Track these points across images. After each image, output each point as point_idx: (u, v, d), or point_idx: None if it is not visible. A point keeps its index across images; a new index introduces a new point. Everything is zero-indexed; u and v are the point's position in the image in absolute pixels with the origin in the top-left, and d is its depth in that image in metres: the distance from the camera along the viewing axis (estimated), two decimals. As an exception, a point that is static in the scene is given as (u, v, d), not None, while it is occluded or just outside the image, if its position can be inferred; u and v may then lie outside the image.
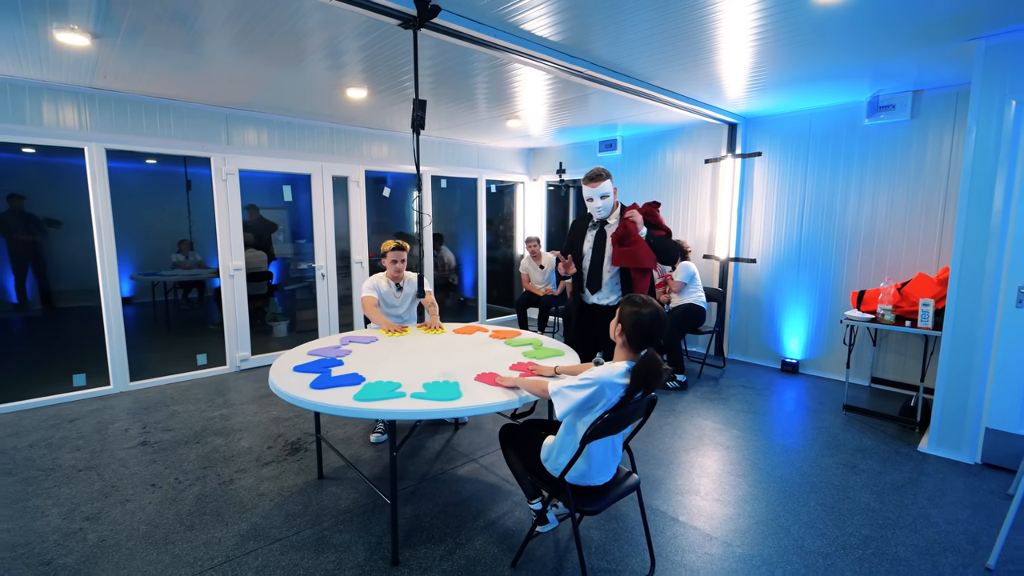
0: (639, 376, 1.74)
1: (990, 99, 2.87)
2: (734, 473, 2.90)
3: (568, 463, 1.82)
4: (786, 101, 4.36)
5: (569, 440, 1.87)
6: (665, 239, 2.87)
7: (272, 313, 6.23)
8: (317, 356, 2.62)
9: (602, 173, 2.84)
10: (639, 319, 1.79)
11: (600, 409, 1.77)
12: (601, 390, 1.74)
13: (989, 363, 2.95)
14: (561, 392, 1.79)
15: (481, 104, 4.50)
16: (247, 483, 2.78)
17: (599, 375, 1.75)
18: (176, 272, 5.90)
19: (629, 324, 1.81)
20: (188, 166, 5.62)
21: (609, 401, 1.76)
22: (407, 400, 1.99)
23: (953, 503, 2.59)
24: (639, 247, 2.74)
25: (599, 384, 1.74)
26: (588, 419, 1.80)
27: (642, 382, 1.73)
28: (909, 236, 4.11)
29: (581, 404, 1.76)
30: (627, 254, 2.75)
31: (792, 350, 4.87)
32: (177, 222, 5.78)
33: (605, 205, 2.83)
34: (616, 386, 1.76)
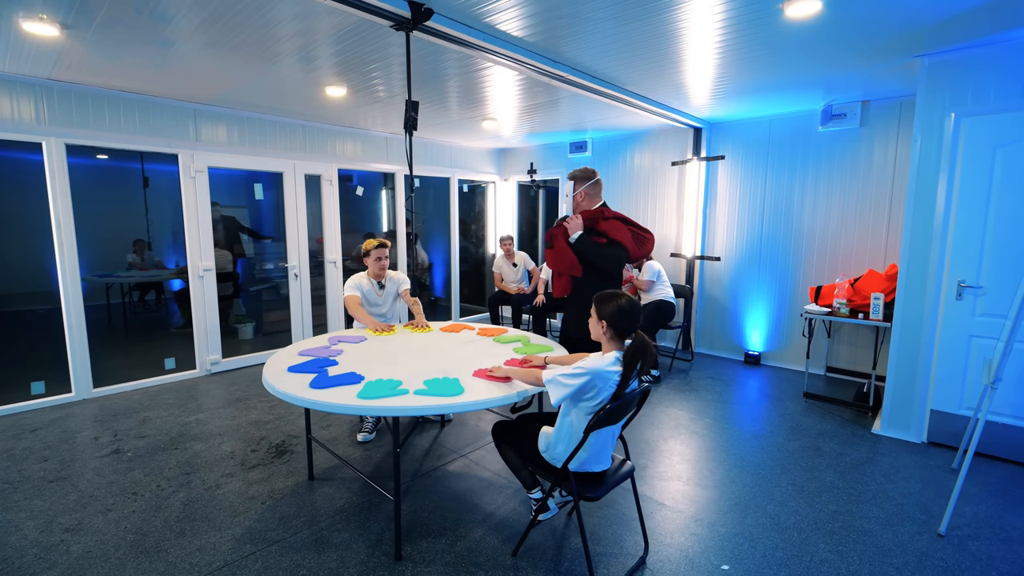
0: (633, 358, 1.85)
1: (932, 112, 3.16)
2: (711, 459, 3.08)
3: (571, 453, 1.91)
4: (748, 108, 4.61)
5: (567, 429, 1.97)
6: (599, 246, 2.72)
7: (237, 315, 6.05)
8: (309, 356, 2.62)
9: (570, 175, 2.87)
10: (620, 308, 1.91)
11: (594, 398, 1.87)
12: (593, 379, 1.84)
13: (933, 351, 3.25)
14: (555, 380, 1.88)
15: (454, 105, 4.54)
16: (235, 487, 2.74)
17: (591, 365, 1.86)
18: (133, 273, 5.65)
19: (612, 316, 1.91)
20: (145, 162, 5.40)
21: (601, 390, 1.86)
22: (411, 397, 2.03)
23: (906, 478, 2.85)
24: (556, 251, 2.77)
25: (591, 374, 1.84)
26: (584, 407, 1.90)
27: (636, 362, 1.85)
28: (859, 235, 4.44)
29: (575, 392, 1.86)
30: (549, 255, 2.85)
31: (754, 343, 5.16)
32: (132, 221, 5.53)
33: (568, 203, 2.87)
34: (607, 375, 1.86)
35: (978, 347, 3.08)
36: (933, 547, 2.25)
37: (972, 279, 3.07)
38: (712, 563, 2.14)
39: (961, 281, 3.11)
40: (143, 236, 5.70)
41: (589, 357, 1.94)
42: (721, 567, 2.12)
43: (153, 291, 6.31)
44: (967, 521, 2.45)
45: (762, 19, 2.59)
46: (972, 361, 3.11)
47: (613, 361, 1.89)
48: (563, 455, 1.97)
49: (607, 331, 1.95)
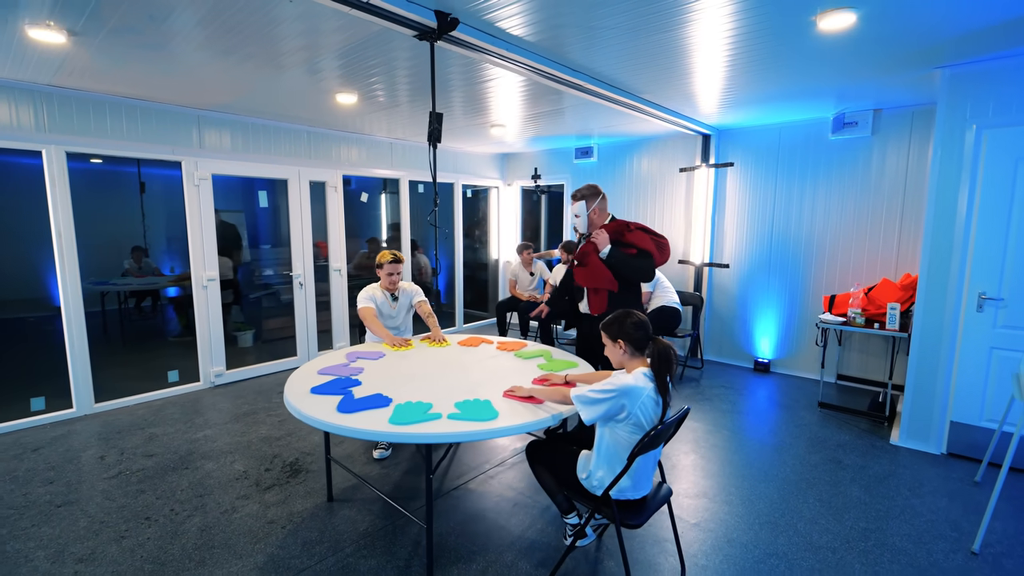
0: (660, 365, 1.83)
1: (953, 123, 3.16)
2: (734, 474, 3.05)
3: (613, 480, 1.86)
4: (757, 115, 4.60)
5: (606, 453, 1.92)
6: (631, 258, 2.75)
7: (236, 323, 5.94)
8: (330, 376, 2.54)
9: (577, 193, 2.90)
10: (636, 321, 1.93)
11: (627, 418, 1.83)
12: (621, 397, 1.81)
13: (953, 362, 3.24)
14: (585, 398, 1.86)
15: (458, 111, 4.47)
16: (252, 510, 2.66)
17: (620, 383, 1.83)
18: (130, 281, 5.52)
19: (627, 332, 1.91)
20: (142, 167, 5.27)
21: (632, 408, 1.82)
22: (445, 422, 1.97)
23: (931, 492, 2.84)
24: (592, 268, 2.78)
25: (619, 391, 1.81)
26: (619, 428, 1.86)
27: (666, 368, 1.84)
28: (870, 243, 4.44)
29: (607, 412, 1.83)
30: (580, 273, 2.85)
31: (763, 350, 5.15)
32: (127, 227, 5.41)
33: (579, 223, 2.93)
34: (637, 391, 1.82)
35: (999, 359, 3.08)
36: (969, 566, 2.23)
37: (993, 291, 3.07)
38: (751, 587, 2.10)
39: (982, 293, 3.10)
40: (139, 242, 5.57)
41: (615, 375, 1.91)
42: (761, 592, 2.08)
43: (149, 298, 6.18)
44: (998, 538, 2.43)
45: (791, 31, 2.56)
46: (992, 373, 3.11)
47: (641, 376, 1.86)
48: (604, 481, 1.92)
49: (626, 349, 1.94)
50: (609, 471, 1.91)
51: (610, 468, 1.91)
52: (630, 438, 1.86)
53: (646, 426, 1.85)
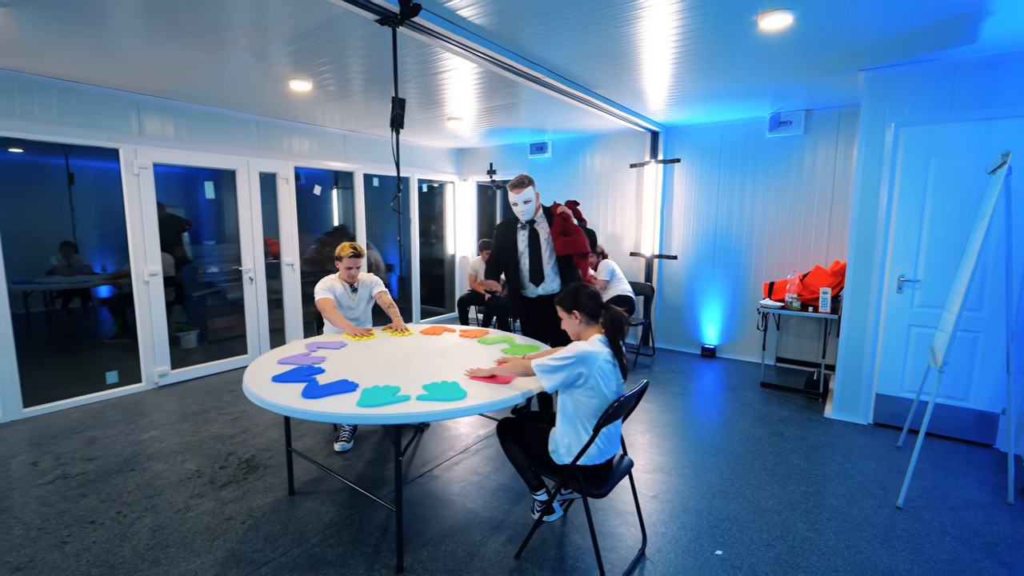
0: (613, 329, 2.00)
1: (874, 122, 3.46)
2: (687, 449, 3.22)
3: (582, 449, 1.94)
4: (702, 113, 4.85)
5: (570, 423, 2.01)
6: (584, 227, 3.21)
7: (179, 323, 5.66)
8: (291, 365, 2.49)
9: (525, 180, 3.12)
10: (589, 292, 2.07)
11: (586, 383, 1.93)
12: (580, 362, 1.92)
13: (877, 340, 3.56)
14: (545, 366, 1.97)
15: (413, 103, 4.45)
16: (208, 508, 2.56)
17: (576, 349, 1.95)
18: (58, 279, 5.13)
19: (582, 302, 2.05)
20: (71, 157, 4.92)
21: (590, 372, 1.92)
22: (414, 403, 1.99)
23: (861, 458, 3.11)
24: (579, 235, 3.07)
25: (577, 356, 1.93)
26: (581, 396, 1.96)
27: (619, 332, 2.01)
28: (804, 233, 4.78)
29: (567, 379, 1.94)
30: (571, 242, 3.07)
31: (710, 337, 5.43)
32: (54, 222, 5.03)
33: (527, 208, 3.13)
34: (594, 355, 1.94)
35: (916, 335, 3.41)
36: (895, 519, 2.47)
37: (911, 273, 3.39)
38: (706, 549, 2.24)
39: (901, 276, 3.42)
40: (68, 238, 5.19)
41: (572, 344, 2.02)
42: (715, 552, 2.22)
43: (78, 298, 5.76)
44: (918, 494, 2.70)
45: (735, 29, 2.73)
46: (912, 348, 3.44)
47: (597, 340, 1.99)
48: (572, 449, 2.00)
49: (581, 318, 2.07)
50: (576, 438, 2.00)
51: (576, 435, 2.00)
52: (590, 403, 1.96)
53: (605, 391, 1.95)
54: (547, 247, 3.16)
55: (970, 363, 3.26)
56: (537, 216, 3.21)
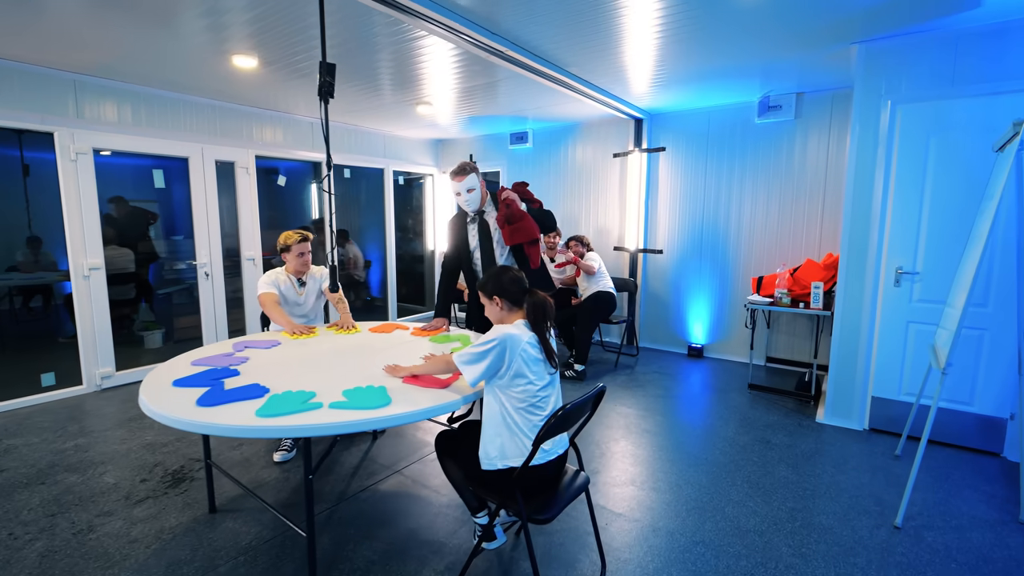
0: (536, 312, 1.78)
1: (869, 100, 3.17)
2: (663, 459, 2.92)
3: (526, 460, 1.64)
4: (688, 98, 4.55)
5: (498, 420, 1.74)
6: (541, 209, 2.95)
7: (144, 321, 5.36)
8: (205, 366, 2.19)
9: (466, 167, 2.87)
10: (512, 277, 1.85)
11: (508, 369, 1.70)
12: (502, 346, 1.70)
13: (873, 339, 3.26)
14: (464, 356, 1.76)
15: (386, 86, 4.16)
16: (113, 529, 2.25)
17: (496, 333, 1.73)
18: (11, 277, 4.82)
19: (503, 287, 1.83)
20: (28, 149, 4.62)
21: (512, 357, 1.69)
22: (325, 412, 1.69)
23: (855, 468, 2.81)
24: (526, 220, 2.81)
25: (497, 340, 1.71)
26: (506, 389, 1.72)
27: (543, 316, 1.79)
28: (796, 225, 4.49)
29: (490, 367, 1.71)
30: (518, 230, 2.81)
31: (697, 336, 5.14)
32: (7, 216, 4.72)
33: (472, 198, 2.87)
34: (517, 338, 1.71)
35: (916, 333, 3.11)
36: (892, 541, 2.17)
37: (909, 265, 3.10)
38: (674, 579, 1.94)
39: (899, 268, 3.13)
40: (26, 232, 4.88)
41: (492, 328, 1.79)
42: (684, 583, 1.92)
43: (40, 296, 5.45)
44: (919, 510, 2.40)
45: None
46: (910, 347, 3.14)
47: (519, 324, 1.78)
48: (505, 452, 1.71)
49: (503, 304, 1.85)
50: (509, 437, 1.71)
51: (509, 433, 1.72)
52: (518, 393, 1.71)
53: (533, 378, 1.71)
54: (499, 238, 2.88)
55: (975, 363, 2.97)
56: (486, 206, 2.94)
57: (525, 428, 1.71)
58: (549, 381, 1.76)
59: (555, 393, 1.82)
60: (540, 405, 1.73)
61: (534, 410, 1.72)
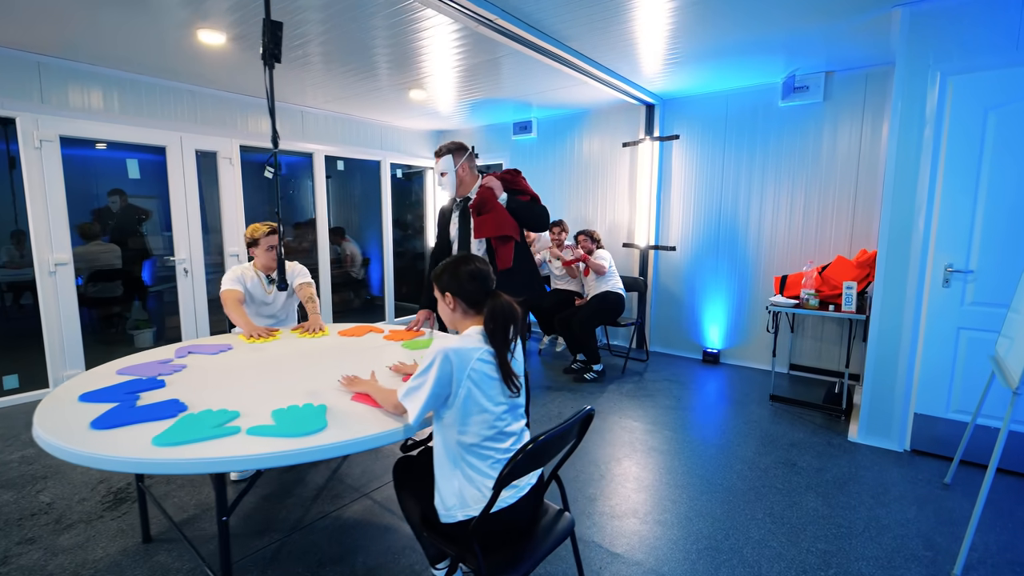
0: (495, 320, 1.39)
1: (914, 71, 2.74)
2: (672, 484, 2.54)
3: (483, 510, 1.29)
4: (703, 80, 4.15)
5: (453, 465, 1.39)
6: (530, 203, 2.61)
7: (135, 320, 5.16)
8: (129, 376, 1.88)
9: (442, 149, 2.60)
10: (471, 270, 1.48)
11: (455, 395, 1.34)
12: (447, 365, 1.32)
13: (916, 347, 2.84)
14: (407, 391, 1.39)
15: (381, 66, 3.83)
16: (29, 561, 1.96)
17: (439, 347, 1.34)
18: (-3, 273, 4.64)
19: (462, 282, 1.47)
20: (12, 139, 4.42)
21: (459, 378, 1.33)
22: (238, 440, 1.36)
23: (897, 499, 2.40)
24: (497, 213, 2.49)
25: (440, 359, 1.32)
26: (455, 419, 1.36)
27: (504, 325, 1.39)
28: (824, 219, 4.06)
29: (432, 397, 1.34)
30: (485, 222, 2.50)
31: (713, 340, 4.73)
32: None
33: (446, 183, 2.60)
34: (464, 353, 1.34)
35: (968, 341, 2.68)
36: (951, 599, 1.77)
37: (961, 263, 2.67)
38: (680, 647, 1.57)
39: (948, 265, 2.70)
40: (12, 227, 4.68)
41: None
42: (692, 653, 1.55)
43: (29, 293, 5.27)
44: (981, 556, 1.99)
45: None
46: (961, 358, 2.71)
47: (471, 336, 1.39)
48: (466, 500, 1.36)
49: (457, 305, 1.47)
50: (467, 481, 1.36)
51: (465, 476, 1.36)
52: (470, 426, 1.35)
53: (487, 404, 1.35)
54: None
55: (1041, 377, 2.52)
56: (473, 193, 2.61)
57: (484, 467, 1.35)
58: (509, 406, 1.41)
59: (519, 420, 1.47)
60: (500, 437, 1.38)
61: (493, 444, 1.37)
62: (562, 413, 3.44)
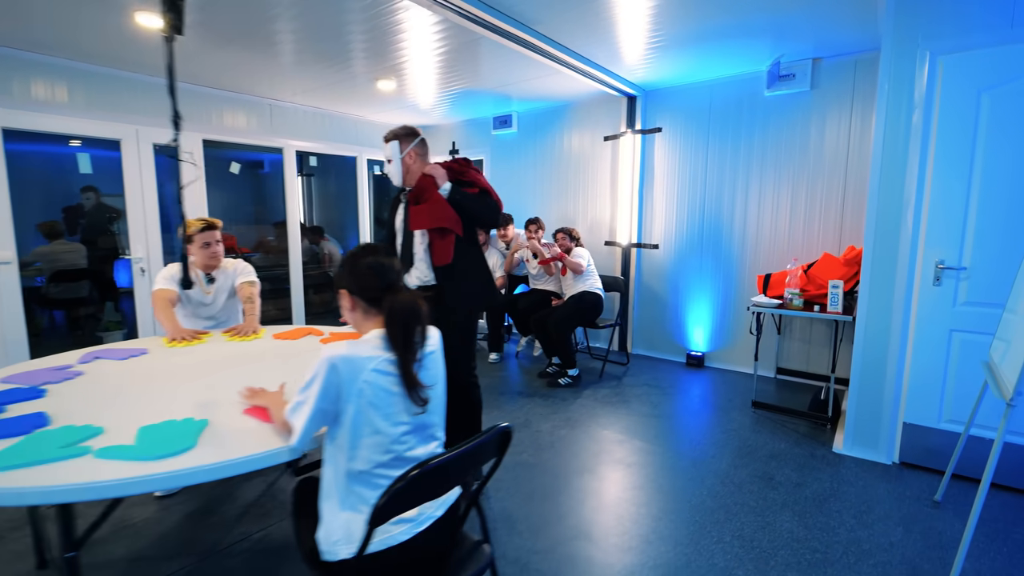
0: (395, 324, 1.18)
1: (902, 52, 2.52)
2: (636, 501, 2.33)
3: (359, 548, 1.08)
4: (686, 69, 3.94)
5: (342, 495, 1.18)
6: (478, 196, 2.35)
7: (107, 321, 5.01)
8: (12, 384, 1.68)
9: (389, 135, 2.37)
10: (370, 263, 1.28)
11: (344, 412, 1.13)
12: (333, 377, 1.11)
13: (906, 350, 2.62)
14: (293, 405, 1.19)
15: (357, 56, 3.61)
16: (-94, 591, 1.76)
17: (323, 356, 1.13)
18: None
19: (360, 276, 1.27)
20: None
21: (348, 392, 1.13)
22: (85, 462, 1.15)
23: (882, 519, 2.17)
24: (434, 203, 2.26)
25: (325, 369, 1.12)
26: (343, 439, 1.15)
27: (408, 328, 1.19)
28: (812, 214, 3.83)
29: (318, 414, 1.14)
30: (421, 212, 2.28)
31: (697, 342, 4.50)
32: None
33: (392, 171, 2.37)
34: (355, 361, 1.13)
35: (961, 344, 2.46)
36: (935, 640, 1.55)
37: (953, 259, 2.45)
38: None
39: (939, 262, 2.48)
40: None
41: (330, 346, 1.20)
42: None
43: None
44: (971, 589, 1.77)
45: None
46: (953, 362, 2.49)
47: (368, 341, 1.19)
48: (349, 535, 1.15)
49: (356, 305, 1.27)
50: (356, 516, 1.15)
51: (355, 512, 1.16)
52: (371, 449, 1.15)
53: (382, 424, 1.15)
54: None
55: (1040, 384, 2.30)
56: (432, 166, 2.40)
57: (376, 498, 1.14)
58: (413, 426, 1.20)
59: (429, 442, 1.26)
60: (397, 463, 1.17)
61: (388, 472, 1.16)
62: (529, 422, 3.22)
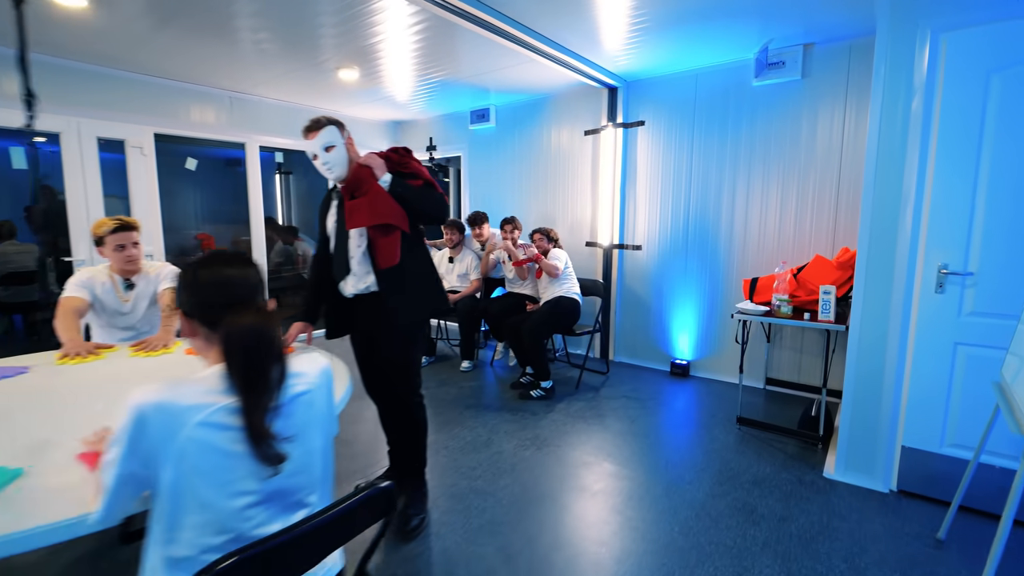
0: (232, 355, 0.89)
1: (900, 30, 2.24)
2: (597, 540, 2.04)
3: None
4: (669, 58, 3.66)
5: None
6: (422, 189, 2.06)
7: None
8: None
9: (322, 120, 2.00)
10: (207, 276, 0.98)
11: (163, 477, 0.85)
12: (142, 428, 0.83)
13: (905, 365, 2.34)
14: (104, 463, 0.88)
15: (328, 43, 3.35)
16: None
17: (135, 400, 0.83)
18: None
19: (203, 290, 0.98)
20: None
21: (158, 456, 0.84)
22: None
23: (876, 563, 1.89)
24: (374, 196, 1.94)
25: (133, 417, 0.83)
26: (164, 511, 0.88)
27: (244, 366, 0.89)
28: (802, 213, 3.56)
29: (124, 478, 0.86)
30: (359, 207, 1.95)
31: (682, 350, 4.22)
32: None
33: (334, 160, 1.98)
34: (180, 412, 0.84)
35: (967, 359, 2.18)
36: None
37: (958, 263, 2.17)
38: None
39: (942, 266, 2.20)
40: None
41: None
42: None
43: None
44: (982, 658, 1.49)
45: None
46: (959, 379, 2.21)
47: (205, 380, 0.90)
48: None
49: (197, 330, 0.99)
50: None
51: None
52: (199, 529, 0.88)
53: (211, 496, 0.87)
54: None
55: (1057, 406, 2.02)
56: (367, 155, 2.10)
57: None
58: (262, 496, 0.91)
59: (292, 512, 0.98)
60: (241, 541, 0.88)
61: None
62: (491, 441, 2.94)
